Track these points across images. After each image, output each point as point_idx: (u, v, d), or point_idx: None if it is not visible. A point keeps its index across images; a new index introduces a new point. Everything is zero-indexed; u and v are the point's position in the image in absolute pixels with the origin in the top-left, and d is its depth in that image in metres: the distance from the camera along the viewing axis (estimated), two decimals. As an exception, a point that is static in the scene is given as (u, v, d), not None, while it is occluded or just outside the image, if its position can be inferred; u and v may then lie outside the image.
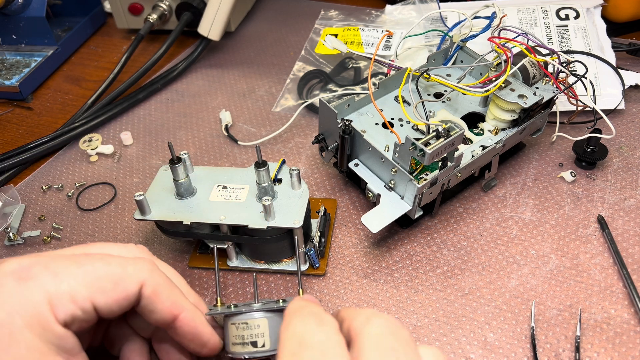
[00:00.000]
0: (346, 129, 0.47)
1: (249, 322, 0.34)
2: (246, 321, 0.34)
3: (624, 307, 0.43)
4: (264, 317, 0.34)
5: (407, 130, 0.50)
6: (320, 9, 0.82)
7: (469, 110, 0.52)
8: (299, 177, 0.45)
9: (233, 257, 0.47)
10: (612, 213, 0.50)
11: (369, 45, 0.70)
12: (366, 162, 0.49)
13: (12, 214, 0.53)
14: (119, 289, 0.29)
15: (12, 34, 0.78)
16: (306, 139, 0.61)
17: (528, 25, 0.67)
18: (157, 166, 0.60)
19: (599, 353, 0.40)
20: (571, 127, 0.59)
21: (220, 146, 0.62)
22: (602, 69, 0.62)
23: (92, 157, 0.61)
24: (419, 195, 0.45)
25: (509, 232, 0.49)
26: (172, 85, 0.72)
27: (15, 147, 0.62)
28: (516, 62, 0.48)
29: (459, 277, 0.46)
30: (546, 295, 0.44)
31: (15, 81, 0.72)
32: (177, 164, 0.44)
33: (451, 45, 0.55)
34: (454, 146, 0.43)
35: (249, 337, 0.34)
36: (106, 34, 0.87)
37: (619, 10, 0.73)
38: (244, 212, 0.44)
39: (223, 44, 0.80)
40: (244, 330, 0.34)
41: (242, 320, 0.34)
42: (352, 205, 0.53)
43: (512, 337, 0.41)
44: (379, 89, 0.52)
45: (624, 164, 0.55)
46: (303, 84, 0.68)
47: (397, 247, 0.49)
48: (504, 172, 0.55)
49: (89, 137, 0.62)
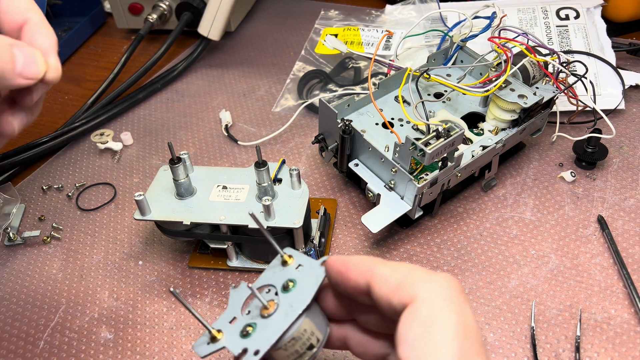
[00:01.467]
0: (346, 129, 0.47)
1: (295, 336, 0.28)
2: (293, 337, 0.28)
3: (624, 307, 0.43)
4: (304, 319, 0.29)
5: (407, 130, 0.50)
6: (320, 9, 0.82)
7: (469, 110, 0.52)
8: (299, 177, 0.45)
9: (233, 257, 0.47)
10: (612, 213, 0.50)
11: (369, 45, 0.70)
12: (366, 162, 0.49)
13: (12, 214, 0.53)
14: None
15: (12, 34, 0.78)
16: (306, 139, 0.61)
17: (528, 25, 0.67)
18: (157, 166, 0.60)
19: (599, 353, 0.40)
20: (571, 127, 0.59)
21: (220, 146, 0.62)
22: (602, 69, 0.62)
23: (99, 146, 0.62)
24: (419, 195, 0.45)
25: (509, 232, 0.49)
26: (172, 85, 0.72)
27: (15, 147, 0.62)
28: (516, 62, 0.48)
29: (459, 277, 0.46)
30: (546, 295, 0.44)
31: (15, 81, 0.72)
32: (177, 164, 0.44)
33: (451, 45, 0.55)
34: (454, 146, 0.43)
35: (302, 346, 0.29)
36: (106, 34, 0.87)
37: (619, 10, 0.73)
38: (244, 212, 0.44)
39: (223, 44, 0.80)
40: (294, 347, 0.29)
41: (286, 342, 0.28)
42: (352, 205, 0.53)
43: (512, 337, 0.41)
44: (379, 89, 0.52)
45: (624, 164, 0.55)
46: (303, 84, 0.68)
47: (397, 247, 0.49)
48: (504, 172, 0.55)
49: (101, 132, 0.62)
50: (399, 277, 0.26)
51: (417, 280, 0.25)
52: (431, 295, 0.24)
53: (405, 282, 0.25)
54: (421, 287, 0.25)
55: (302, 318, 0.29)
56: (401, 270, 0.26)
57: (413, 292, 0.25)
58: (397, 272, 0.26)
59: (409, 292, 0.25)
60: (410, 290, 0.25)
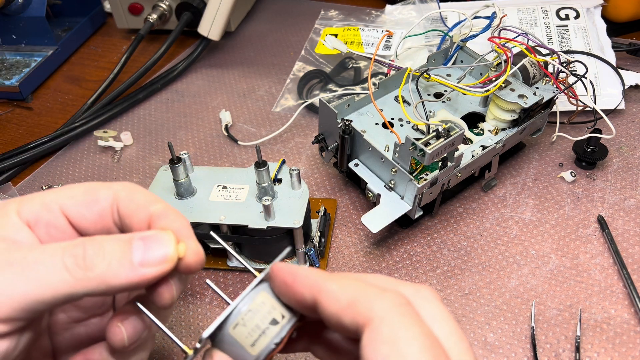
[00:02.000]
0: (346, 129, 0.47)
1: (251, 307, 0.27)
2: (249, 309, 0.27)
3: (624, 307, 0.43)
4: (261, 291, 0.27)
5: (407, 130, 0.50)
6: (320, 9, 0.82)
7: (469, 110, 0.52)
8: (299, 177, 0.45)
9: (233, 257, 0.47)
10: (612, 213, 0.50)
11: (369, 45, 0.70)
12: (366, 162, 0.49)
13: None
14: (89, 193, 0.30)
15: (12, 34, 0.78)
16: (306, 139, 0.61)
17: (528, 25, 0.67)
18: (157, 166, 0.60)
19: (599, 353, 0.40)
20: (571, 127, 0.59)
21: (220, 146, 0.62)
22: (602, 69, 0.62)
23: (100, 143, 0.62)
24: (419, 195, 0.45)
25: (509, 232, 0.49)
26: (172, 85, 0.72)
27: (15, 147, 0.62)
28: (516, 62, 0.48)
29: (459, 277, 0.46)
30: (546, 295, 0.44)
31: (15, 81, 0.72)
32: (177, 164, 0.44)
33: (451, 45, 0.55)
34: (454, 146, 0.43)
35: (263, 320, 0.27)
36: (106, 34, 0.87)
37: (619, 10, 0.73)
38: (244, 212, 0.44)
39: (223, 44, 0.80)
40: (253, 320, 0.27)
41: (243, 314, 0.27)
42: (352, 205, 0.53)
43: (512, 337, 0.41)
44: (379, 89, 0.52)
45: (624, 164, 0.55)
46: (303, 84, 0.68)
47: (397, 247, 0.49)
48: (504, 172, 0.55)
49: (105, 130, 0.63)
50: (350, 295, 0.25)
51: (370, 299, 0.25)
52: (388, 313, 0.24)
53: (357, 301, 0.25)
54: (375, 306, 0.24)
55: (258, 291, 0.27)
56: (351, 289, 0.25)
57: (367, 312, 0.24)
58: (347, 290, 0.25)
59: (363, 312, 0.24)
60: (363, 310, 0.24)
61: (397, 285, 0.26)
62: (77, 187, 0.30)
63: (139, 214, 0.29)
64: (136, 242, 0.27)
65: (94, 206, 0.29)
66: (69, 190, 0.30)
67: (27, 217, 0.28)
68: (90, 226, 0.30)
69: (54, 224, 0.29)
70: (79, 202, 0.29)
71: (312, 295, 0.26)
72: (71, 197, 0.29)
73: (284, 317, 0.27)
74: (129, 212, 0.29)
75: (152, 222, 0.29)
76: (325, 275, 0.26)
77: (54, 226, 0.29)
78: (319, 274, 0.26)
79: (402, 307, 0.24)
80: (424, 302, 0.26)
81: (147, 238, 0.27)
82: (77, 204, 0.29)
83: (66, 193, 0.30)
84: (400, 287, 0.26)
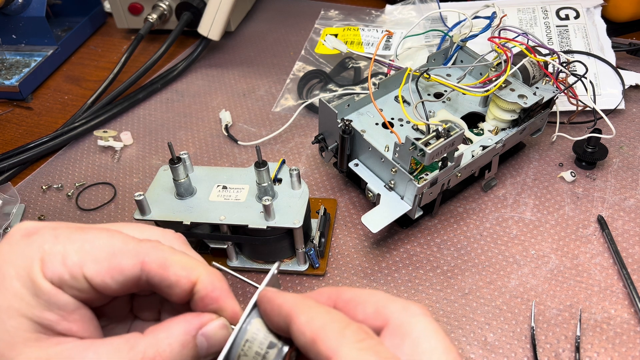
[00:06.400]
0: (346, 129, 0.47)
1: (248, 337, 0.28)
2: (246, 339, 0.28)
3: (624, 307, 0.43)
4: (254, 318, 0.29)
5: (407, 130, 0.50)
6: (320, 9, 0.82)
7: (469, 110, 0.52)
8: (299, 177, 0.45)
9: (233, 257, 0.47)
10: (612, 213, 0.50)
11: (369, 45, 0.70)
12: (366, 162, 0.49)
13: (12, 214, 0.53)
14: (113, 261, 0.29)
15: (12, 34, 0.78)
16: (306, 139, 0.61)
17: (528, 25, 0.67)
18: (157, 166, 0.60)
19: (599, 353, 0.40)
20: (571, 127, 0.59)
21: (220, 146, 0.62)
22: (602, 69, 0.62)
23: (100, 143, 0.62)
24: (419, 195, 0.45)
25: (509, 232, 0.49)
26: (172, 85, 0.72)
27: (15, 147, 0.62)
28: (516, 62, 0.48)
29: (459, 277, 0.46)
30: (546, 295, 0.44)
31: (15, 81, 0.72)
32: (177, 164, 0.44)
33: (451, 45, 0.55)
34: (454, 146, 0.43)
35: (261, 345, 0.28)
36: (106, 33, 0.87)
37: (619, 10, 0.73)
38: (244, 212, 0.44)
39: (223, 44, 0.80)
40: (251, 349, 0.28)
41: (242, 346, 0.28)
42: (352, 205, 0.53)
43: (512, 337, 0.41)
44: (379, 89, 0.52)
45: (624, 164, 0.55)
46: (303, 84, 0.68)
47: (397, 247, 0.49)
48: (504, 172, 0.55)
49: (105, 130, 0.63)
50: (314, 330, 0.26)
51: (330, 338, 0.25)
52: (348, 353, 0.25)
53: (319, 339, 0.25)
54: (334, 345, 0.25)
55: (251, 319, 0.29)
56: (317, 323, 0.26)
57: (328, 351, 0.25)
58: (313, 324, 0.26)
59: (324, 351, 0.25)
60: (324, 348, 0.25)
61: (388, 302, 0.27)
62: (101, 246, 0.29)
63: (179, 287, 0.29)
64: (200, 339, 0.28)
65: (118, 277, 0.29)
66: (92, 251, 0.29)
67: (51, 278, 0.28)
68: (114, 293, 0.29)
69: (77, 288, 0.28)
70: (103, 271, 0.28)
71: (286, 325, 0.27)
72: (95, 261, 0.28)
73: (280, 338, 0.28)
74: (166, 285, 0.29)
75: (199, 295, 0.29)
76: (300, 303, 0.27)
77: (78, 290, 0.28)
78: (294, 302, 0.27)
79: (362, 342, 0.25)
80: (412, 319, 0.26)
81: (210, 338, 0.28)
82: (101, 273, 0.28)
83: (89, 255, 0.28)
84: (390, 305, 0.27)
